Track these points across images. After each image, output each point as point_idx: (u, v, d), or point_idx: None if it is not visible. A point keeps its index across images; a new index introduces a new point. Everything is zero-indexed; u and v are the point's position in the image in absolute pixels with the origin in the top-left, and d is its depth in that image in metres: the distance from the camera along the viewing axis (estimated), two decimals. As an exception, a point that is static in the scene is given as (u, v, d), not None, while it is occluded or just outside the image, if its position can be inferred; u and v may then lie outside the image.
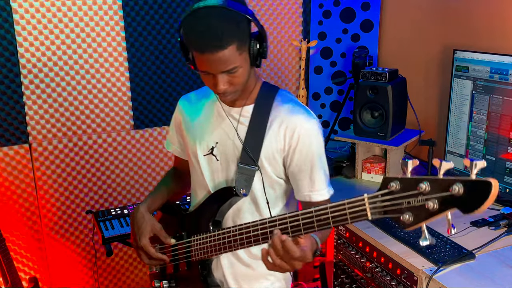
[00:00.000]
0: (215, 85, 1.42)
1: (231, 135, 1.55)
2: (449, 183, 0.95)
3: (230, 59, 1.36)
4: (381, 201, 1.09)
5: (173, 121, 1.75)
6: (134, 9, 2.68)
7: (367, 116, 2.48)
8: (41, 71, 2.59)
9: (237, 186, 1.50)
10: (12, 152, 2.61)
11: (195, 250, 1.56)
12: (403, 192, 1.04)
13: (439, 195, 0.97)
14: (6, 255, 2.39)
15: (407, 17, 2.82)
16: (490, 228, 1.90)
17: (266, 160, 1.51)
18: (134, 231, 1.62)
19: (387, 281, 1.85)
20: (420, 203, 1.00)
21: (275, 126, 1.50)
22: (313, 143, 1.50)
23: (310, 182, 1.51)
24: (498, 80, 2.06)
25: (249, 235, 1.37)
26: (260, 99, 1.54)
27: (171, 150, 1.80)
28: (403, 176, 1.05)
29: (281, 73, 3.15)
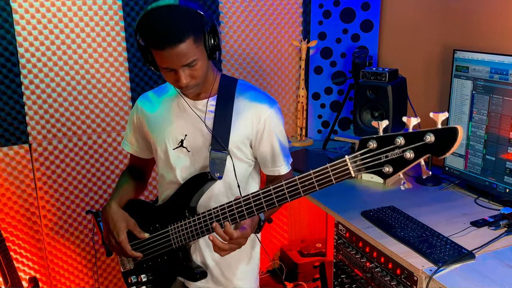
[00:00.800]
0: (178, 80, 1.50)
1: (199, 126, 1.63)
2: (421, 134, 1.13)
3: (188, 52, 1.45)
4: (361, 159, 1.24)
5: (132, 122, 1.80)
6: (134, 9, 2.68)
7: (367, 116, 2.48)
8: (41, 71, 2.59)
9: (211, 170, 1.58)
10: (12, 152, 2.61)
11: (174, 237, 1.63)
12: (381, 148, 1.20)
13: (414, 145, 1.15)
14: (6, 255, 2.39)
15: (407, 17, 2.82)
16: (490, 228, 1.90)
17: (235, 145, 1.62)
18: (109, 227, 1.67)
19: (387, 281, 1.85)
20: (398, 155, 1.18)
21: (240, 112, 1.62)
22: (278, 125, 1.66)
23: (278, 158, 1.68)
24: (498, 80, 2.06)
25: (225, 215, 1.49)
26: (222, 89, 1.65)
27: (129, 150, 1.85)
28: (378, 135, 1.21)
29: (281, 73, 3.14)
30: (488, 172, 2.14)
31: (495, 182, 2.11)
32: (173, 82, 1.53)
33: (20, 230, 2.70)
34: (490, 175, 2.14)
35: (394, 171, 1.18)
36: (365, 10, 2.98)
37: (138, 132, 1.80)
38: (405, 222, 1.95)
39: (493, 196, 2.15)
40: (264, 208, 1.43)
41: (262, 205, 1.42)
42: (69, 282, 2.89)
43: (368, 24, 3.00)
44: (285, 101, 3.21)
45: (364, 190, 2.37)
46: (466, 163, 2.26)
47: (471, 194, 2.23)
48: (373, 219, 2.00)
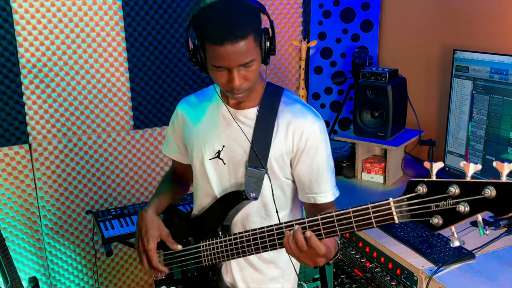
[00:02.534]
0: (231, 81, 1.36)
1: (238, 138, 1.51)
2: (480, 186, 0.97)
3: (249, 50, 1.33)
4: (407, 205, 1.08)
5: (172, 127, 1.70)
6: (134, 9, 2.68)
7: (367, 116, 2.48)
8: (41, 71, 2.59)
9: (247, 189, 1.47)
10: (12, 152, 2.61)
11: (206, 255, 1.53)
12: (431, 196, 1.04)
13: (471, 198, 0.98)
14: (6, 255, 2.39)
15: (407, 17, 2.82)
16: (490, 228, 1.90)
17: (275, 162, 1.49)
18: (141, 233, 1.57)
19: (387, 281, 1.84)
20: (450, 206, 1.01)
21: (282, 127, 1.48)
22: (320, 144, 1.48)
23: (316, 183, 1.49)
24: (498, 80, 2.06)
25: (264, 240, 1.35)
26: (266, 100, 1.51)
27: (170, 155, 1.76)
28: (429, 179, 1.05)
29: (281, 73, 3.14)
30: (488, 172, 2.14)
31: (495, 182, 2.11)
32: (225, 83, 1.38)
33: (20, 230, 2.70)
34: (490, 175, 2.13)
35: (444, 224, 1.02)
36: (365, 10, 2.98)
37: (178, 137, 1.69)
38: (405, 222, 1.95)
39: (493, 196, 2.14)
40: None
41: None
42: (69, 282, 2.89)
43: (368, 24, 3.00)
44: (285, 101, 3.20)
45: (364, 190, 2.37)
46: (466, 163, 2.26)
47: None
48: (373, 219, 2.00)
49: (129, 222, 2.52)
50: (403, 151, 2.52)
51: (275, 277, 1.61)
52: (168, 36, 2.78)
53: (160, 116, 2.88)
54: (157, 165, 2.96)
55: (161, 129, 2.92)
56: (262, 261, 1.59)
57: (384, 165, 2.42)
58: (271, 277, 1.60)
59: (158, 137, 2.92)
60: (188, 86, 2.90)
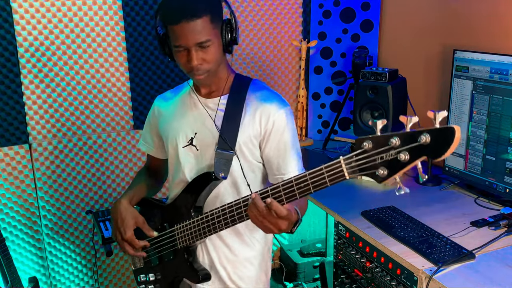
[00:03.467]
0: (189, 60, 1.46)
1: (209, 124, 1.61)
2: (416, 134, 1.05)
3: (204, 30, 1.43)
4: (356, 161, 1.16)
5: (148, 122, 1.80)
6: (134, 9, 2.68)
7: (367, 116, 2.48)
8: (41, 71, 2.59)
9: (216, 170, 1.55)
10: (12, 152, 2.61)
11: (180, 237, 1.61)
12: (376, 149, 1.12)
13: (409, 146, 1.06)
14: (6, 255, 2.39)
15: (407, 17, 2.82)
16: (490, 228, 1.90)
17: (243, 144, 1.58)
18: (117, 224, 1.65)
19: (387, 281, 1.84)
20: (392, 156, 1.09)
21: (250, 112, 1.58)
22: (287, 128, 1.58)
23: (283, 164, 1.59)
24: (498, 80, 2.06)
25: (233, 213, 1.44)
26: (235, 88, 1.62)
27: (146, 150, 1.85)
28: (374, 135, 1.13)
29: (281, 73, 3.14)
30: (488, 172, 2.14)
31: (495, 182, 2.11)
32: (185, 64, 1.49)
33: (20, 230, 2.70)
34: (490, 175, 2.13)
35: (389, 174, 1.11)
36: (365, 10, 2.98)
37: (154, 131, 1.79)
38: (405, 222, 1.95)
39: (493, 196, 2.15)
40: None
41: None
42: (69, 282, 2.89)
43: (368, 24, 3.00)
44: (285, 101, 3.20)
45: (364, 190, 2.37)
46: (466, 163, 2.26)
47: (471, 194, 2.23)
48: (373, 219, 2.00)
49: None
50: (403, 151, 2.51)
51: (249, 258, 1.69)
52: (168, 36, 2.78)
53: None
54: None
55: (161, 129, 2.92)
56: (237, 242, 1.67)
57: (384, 165, 2.42)
58: (245, 257, 1.68)
59: (158, 137, 2.92)
60: (188, 86, 2.90)
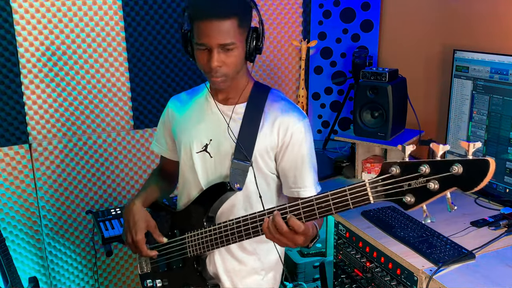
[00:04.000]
0: (209, 60, 1.43)
1: (225, 132, 1.57)
2: (448, 164, 1.02)
3: (230, 31, 1.39)
4: (382, 185, 1.13)
5: (162, 123, 1.77)
6: (134, 9, 2.68)
7: (367, 116, 2.47)
8: (41, 71, 2.59)
9: (231, 180, 1.52)
10: (12, 152, 2.61)
11: (190, 246, 1.59)
12: (404, 175, 1.09)
13: (440, 175, 1.03)
14: (6, 255, 2.39)
15: (407, 17, 2.82)
16: (490, 228, 1.90)
17: (259, 155, 1.55)
18: (129, 225, 1.63)
19: (387, 281, 1.84)
20: (421, 184, 1.06)
21: (268, 123, 1.55)
22: (305, 141, 1.55)
23: (299, 178, 1.56)
24: (498, 80, 2.06)
25: (247, 227, 1.40)
26: (253, 97, 1.58)
27: (159, 151, 1.83)
28: (402, 160, 1.11)
29: (281, 73, 3.14)
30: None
31: (495, 182, 2.11)
32: (205, 64, 1.45)
33: (20, 230, 2.70)
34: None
35: (416, 202, 1.07)
36: (365, 10, 2.98)
37: (167, 133, 1.76)
38: (405, 222, 1.95)
39: (493, 196, 2.15)
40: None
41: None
42: (69, 282, 2.89)
43: (368, 24, 3.00)
44: (285, 101, 3.20)
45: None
46: (466, 163, 2.26)
47: (471, 194, 2.23)
48: (373, 219, 2.00)
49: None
50: (403, 151, 2.51)
51: (256, 269, 1.67)
52: (168, 36, 2.78)
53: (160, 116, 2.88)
54: (156, 165, 2.95)
55: (161, 129, 2.92)
56: (245, 252, 1.65)
57: (384, 165, 2.42)
58: (252, 268, 1.66)
59: (158, 137, 2.92)
60: (188, 86, 2.90)
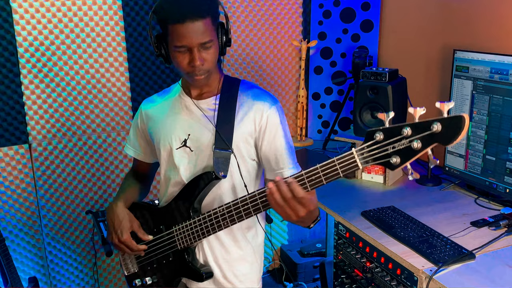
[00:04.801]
0: (192, 60, 1.47)
1: (202, 124, 1.61)
2: (427, 124, 1.14)
3: (207, 30, 1.46)
4: (368, 151, 1.22)
5: (135, 126, 1.80)
6: (134, 9, 2.68)
7: (367, 116, 2.47)
8: (41, 71, 2.59)
9: (216, 169, 1.55)
10: (12, 152, 2.61)
11: (180, 238, 1.62)
12: (388, 139, 1.19)
13: (421, 135, 1.15)
14: (6, 255, 2.39)
15: (407, 17, 2.82)
16: (490, 228, 1.90)
17: (239, 143, 1.59)
18: (114, 226, 1.66)
19: (387, 281, 1.84)
20: (405, 145, 1.17)
21: (243, 110, 1.60)
22: (280, 123, 1.61)
23: (281, 159, 1.61)
24: (498, 80, 2.06)
25: (238, 210, 1.45)
26: (225, 88, 1.64)
27: (133, 155, 1.84)
28: (384, 126, 1.19)
29: (281, 73, 3.14)
30: (488, 172, 2.14)
31: (495, 182, 2.11)
32: (186, 65, 1.49)
33: (20, 230, 2.70)
34: (490, 175, 2.13)
35: (402, 161, 1.18)
36: (365, 10, 2.98)
37: (141, 136, 1.78)
38: (405, 222, 1.95)
39: (493, 196, 2.15)
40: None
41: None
42: (69, 282, 2.89)
43: (368, 24, 3.00)
44: (285, 101, 3.21)
45: (364, 190, 2.36)
46: (466, 163, 2.26)
47: (471, 194, 2.23)
48: (373, 219, 2.00)
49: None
50: (403, 151, 2.51)
51: (244, 256, 1.70)
52: (168, 36, 2.78)
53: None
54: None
55: (161, 129, 2.92)
56: (233, 240, 1.68)
57: (384, 165, 2.42)
58: (240, 255, 1.70)
59: (158, 137, 2.92)
60: (188, 86, 2.90)
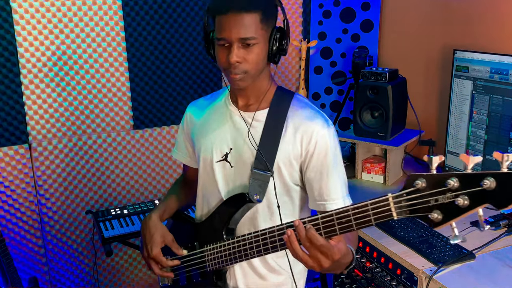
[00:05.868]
0: (229, 55, 1.37)
1: (245, 140, 1.49)
2: (479, 177, 0.93)
3: (251, 26, 1.35)
4: (406, 200, 1.03)
5: (181, 129, 1.70)
6: (134, 9, 2.68)
7: (367, 116, 2.47)
8: (41, 71, 2.59)
9: (251, 191, 1.44)
10: (12, 152, 2.61)
11: (210, 260, 1.51)
12: (430, 190, 0.99)
13: (470, 190, 0.94)
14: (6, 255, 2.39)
15: (407, 17, 2.82)
16: (490, 228, 1.90)
17: (282, 165, 1.46)
18: (145, 240, 1.56)
19: (387, 281, 1.84)
20: (449, 199, 0.97)
21: (291, 131, 1.46)
22: (330, 149, 1.45)
23: (325, 190, 1.46)
24: (498, 80, 2.06)
25: (266, 241, 1.31)
26: (275, 103, 1.49)
27: (179, 158, 1.74)
28: (428, 173, 1.00)
29: (281, 73, 3.14)
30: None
31: (495, 182, 2.11)
32: (224, 61, 1.39)
33: (20, 230, 2.70)
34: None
35: (444, 219, 0.98)
36: (365, 10, 2.98)
37: (187, 139, 1.68)
38: (405, 222, 1.95)
39: (493, 196, 2.14)
40: None
41: None
42: (69, 282, 2.89)
43: (368, 24, 2.99)
44: (285, 101, 3.20)
45: (364, 190, 2.36)
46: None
47: (471, 194, 2.23)
48: (373, 219, 1.99)
49: (129, 222, 2.52)
50: (403, 151, 2.52)
51: (278, 284, 1.59)
52: (168, 36, 2.78)
53: (160, 116, 2.88)
54: (157, 165, 2.96)
55: (161, 129, 2.92)
56: (267, 267, 1.57)
57: (384, 165, 2.42)
58: (274, 283, 1.58)
59: (158, 137, 2.92)
60: (188, 86, 2.90)
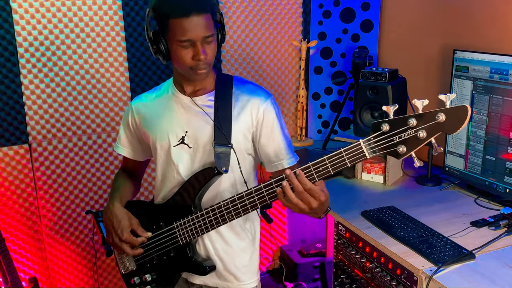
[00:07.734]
0: (196, 54, 1.49)
1: (200, 121, 1.63)
2: (433, 114, 1.24)
3: (210, 25, 1.49)
4: (375, 142, 1.30)
5: (126, 125, 1.80)
6: (134, 9, 2.68)
7: (367, 116, 2.48)
8: (41, 71, 2.59)
9: (218, 164, 1.57)
10: (12, 152, 2.61)
11: (182, 233, 1.64)
12: (394, 130, 1.27)
13: (427, 125, 1.24)
14: (6, 255, 2.39)
15: (407, 17, 2.82)
16: (490, 228, 1.90)
17: (238, 138, 1.63)
18: (113, 226, 1.67)
19: (387, 281, 1.84)
20: (411, 135, 1.26)
21: (240, 105, 1.63)
22: (276, 116, 1.65)
23: (279, 151, 1.66)
24: (498, 80, 2.06)
25: (244, 203, 1.49)
26: (219, 85, 1.66)
27: (123, 153, 1.85)
28: (389, 118, 1.27)
29: (281, 73, 3.15)
30: (488, 172, 2.14)
31: (495, 182, 2.11)
32: (190, 60, 1.51)
33: (20, 230, 2.70)
34: (490, 175, 2.13)
35: (408, 150, 1.25)
36: (365, 10, 2.98)
37: (133, 134, 1.80)
38: (405, 222, 1.95)
39: (493, 196, 2.15)
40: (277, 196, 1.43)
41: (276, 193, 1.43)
42: (69, 282, 2.89)
43: (368, 24, 3.00)
44: (285, 101, 3.21)
45: (364, 190, 2.36)
46: (466, 163, 2.26)
47: (471, 194, 2.23)
48: (373, 219, 2.00)
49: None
50: (403, 151, 2.51)
51: (243, 248, 1.74)
52: (168, 36, 2.78)
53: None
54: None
55: (161, 129, 2.92)
56: (232, 232, 1.72)
57: (384, 165, 2.42)
58: (241, 248, 1.74)
59: (158, 137, 2.92)
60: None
